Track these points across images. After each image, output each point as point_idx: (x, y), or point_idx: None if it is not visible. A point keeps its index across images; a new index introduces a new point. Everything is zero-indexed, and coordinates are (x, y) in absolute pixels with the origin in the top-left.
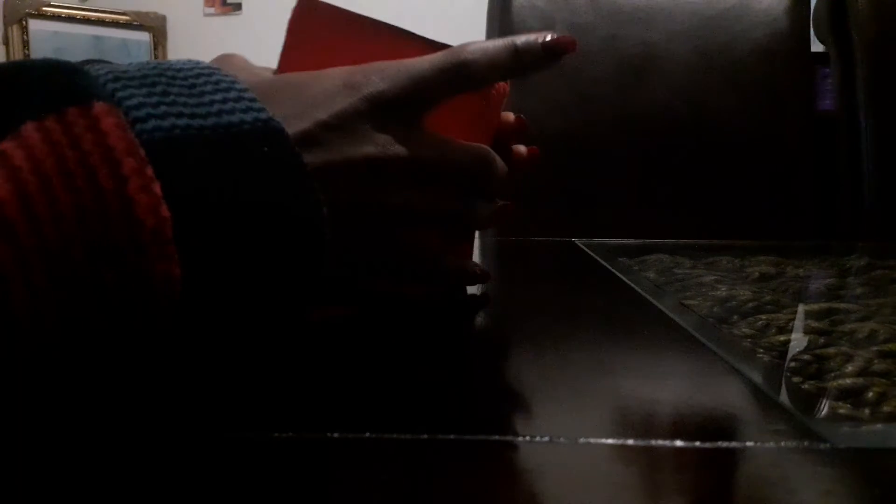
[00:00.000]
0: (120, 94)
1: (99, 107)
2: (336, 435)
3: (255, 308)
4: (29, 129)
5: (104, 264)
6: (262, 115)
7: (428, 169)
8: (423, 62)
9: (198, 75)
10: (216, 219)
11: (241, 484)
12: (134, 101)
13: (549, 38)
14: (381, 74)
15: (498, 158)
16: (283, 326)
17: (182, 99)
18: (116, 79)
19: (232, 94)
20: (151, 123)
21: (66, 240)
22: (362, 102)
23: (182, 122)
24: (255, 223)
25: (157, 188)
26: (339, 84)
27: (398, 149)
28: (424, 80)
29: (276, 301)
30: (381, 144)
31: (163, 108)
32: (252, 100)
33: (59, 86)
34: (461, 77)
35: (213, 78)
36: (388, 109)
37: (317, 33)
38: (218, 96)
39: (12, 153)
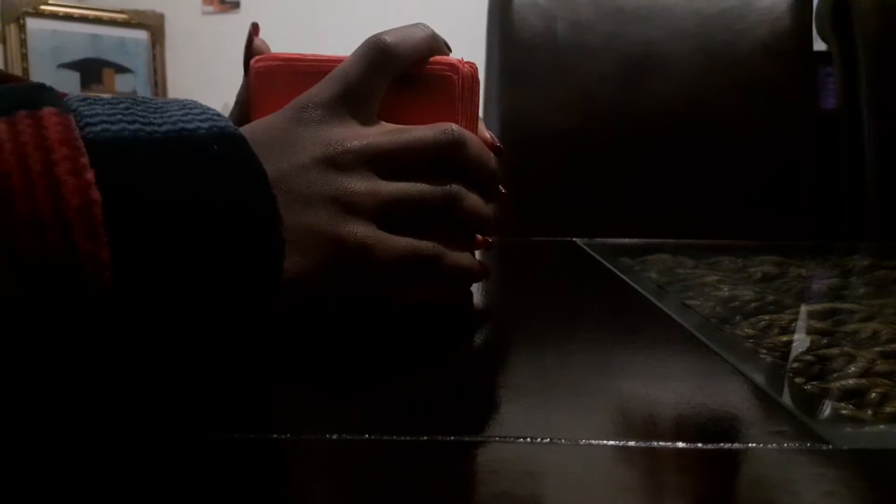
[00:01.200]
0: (81, 108)
1: (47, 110)
2: (335, 436)
3: (203, 307)
4: None
5: (28, 237)
6: (220, 124)
7: (390, 153)
8: (346, 60)
9: (169, 102)
10: (158, 211)
11: (240, 485)
12: (89, 111)
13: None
14: (316, 87)
15: (470, 134)
16: (243, 326)
17: (142, 113)
18: (85, 100)
19: (196, 111)
20: (100, 127)
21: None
22: (301, 112)
23: (134, 126)
24: (203, 220)
25: (89, 175)
26: (286, 110)
27: (352, 143)
28: (349, 73)
29: (230, 299)
30: (333, 142)
31: (118, 117)
32: (217, 115)
33: (19, 96)
34: (382, 59)
35: (186, 102)
36: (330, 111)
37: (277, 84)
38: (180, 112)
39: None
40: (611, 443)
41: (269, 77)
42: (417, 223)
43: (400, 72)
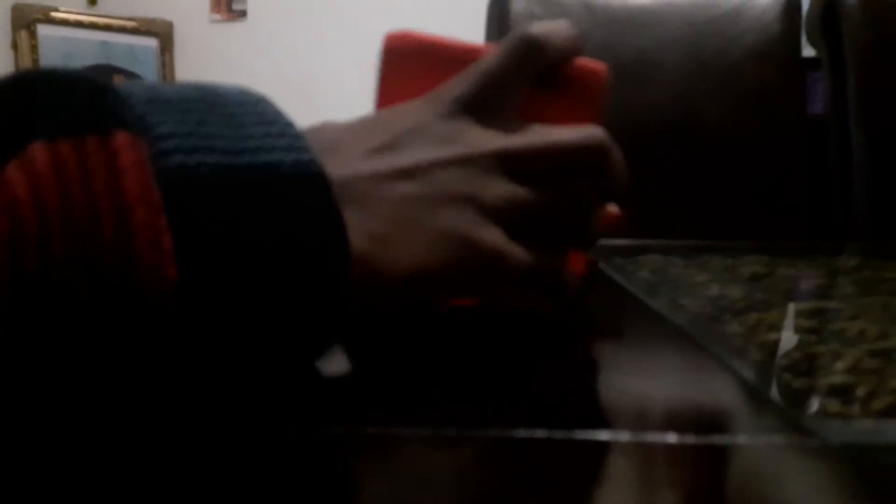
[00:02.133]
0: (150, 118)
1: (121, 138)
2: (340, 430)
3: (263, 360)
4: (38, 151)
5: (92, 318)
6: (304, 157)
7: (529, 155)
8: (491, 54)
9: (241, 103)
10: (231, 278)
11: (245, 480)
12: (164, 130)
13: None
14: (457, 79)
15: (613, 143)
16: (305, 358)
17: (217, 130)
18: (150, 100)
19: (275, 129)
20: (177, 159)
21: (59, 289)
22: (443, 106)
23: (211, 159)
24: (274, 280)
25: (167, 242)
26: (421, 101)
27: (491, 143)
28: (494, 69)
29: (288, 354)
30: (471, 142)
31: (193, 141)
32: (296, 136)
33: (82, 104)
34: (530, 55)
35: (259, 108)
36: (471, 108)
37: (409, 66)
38: (259, 129)
39: (15, 181)
40: (603, 437)
41: (401, 58)
42: (544, 234)
43: (546, 70)
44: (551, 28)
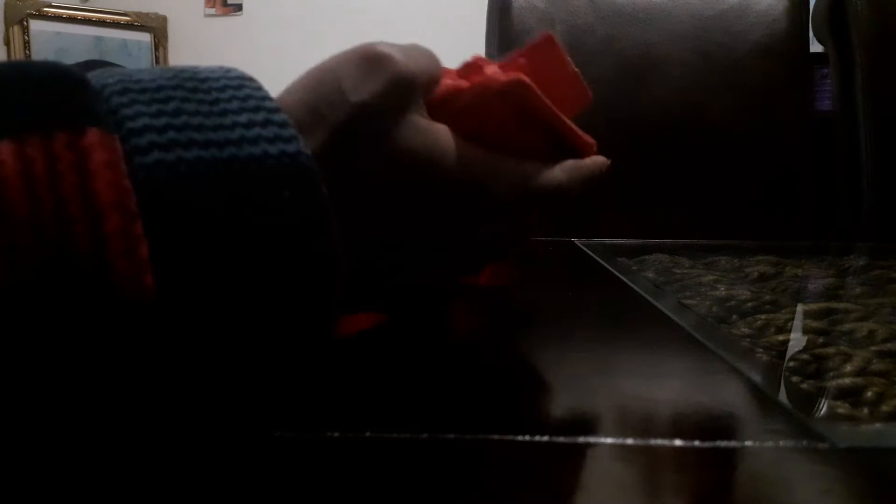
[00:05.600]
0: (125, 111)
1: (91, 135)
2: (336, 434)
3: (251, 361)
4: (5, 151)
5: (66, 332)
6: (290, 148)
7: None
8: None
9: (224, 87)
10: (214, 281)
11: (241, 483)
12: (138, 124)
13: None
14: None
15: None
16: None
17: (197, 120)
18: (125, 90)
19: (259, 117)
20: (153, 156)
21: (31, 301)
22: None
23: (191, 154)
24: (259, 281)
25: (142, 251)
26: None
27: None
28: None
29: (277, 353)
30: None
31: (170, 135)
32: (282, 124)
33: (53, 99)
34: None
35: (242, 92)
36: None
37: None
38: (242, 117)
39: None
40: (608, 441)
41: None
42: None
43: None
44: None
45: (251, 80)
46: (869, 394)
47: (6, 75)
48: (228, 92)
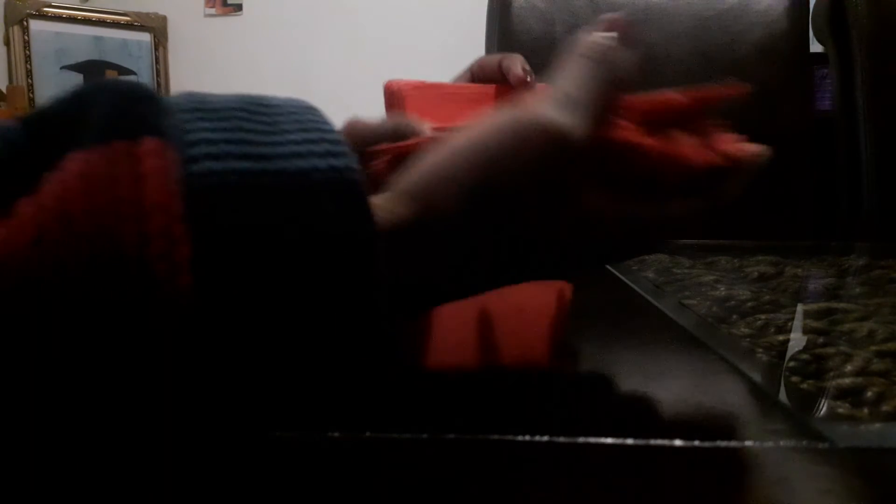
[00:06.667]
0: (188, 125)
1: (148, 144)
2: (336, 434)
3: (289, 371)
4: (71, 161)
5: (109, 325)
6: (339, 163)
7: None
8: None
9: (285, 112)
10: (252, 284)
11: (242, 483)
12: (197, 136)
13: None
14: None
15: None
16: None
17: (252, 136)
18: (193, 109)
19: (314, 135)
20: (206, 165)
21: (75, 288)
22: None
23: (242, 165)
24: (296, 286)
25: (181, 252)
26: None
27: None
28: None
29: (315, 365)
30: None
31: (224, 147)
32: (334, 142)
33: (119, 113)
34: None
35: (303, 116)
36: None
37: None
38: (297, 135)
39: (47, 188)
40: (608, 440)
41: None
42: None
43: None
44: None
45: (316, 109)
46: (869, 394)
47: (87, 95)
48: (289, 116)
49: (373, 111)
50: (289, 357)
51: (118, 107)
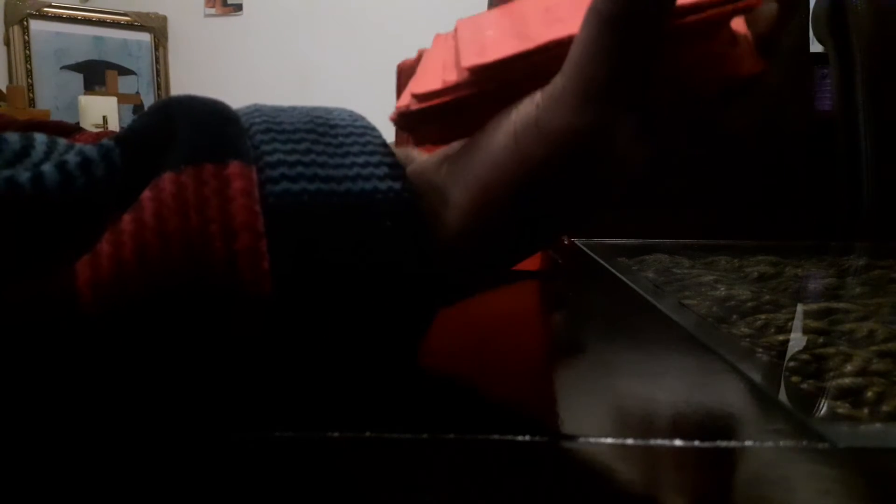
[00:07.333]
0: (264, 147)
1: (233, 167)
2: (336, 434)
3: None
4: (166, 181)
5: (200, 324)
6: (396, 185)
7: None
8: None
9: (349, 133)
10: (322, 294)
11: (241, 483)
12: (273, 158)
13: None
14: None
15: None
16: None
17: (323, 159)
18: (268, 130)
19: (375, 159)
20: (282, 186)
21: (174, 296)
22: None
23: (314, 186)
24: (360, 296)
25: (265, 265)
26: None
27: None
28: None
29: (370, 360)
30: None
31: (299, 169)
32: (393, 165)
33: (206, 136)
34: None
35: (364, 138)
36: None
37: None
38: (360, 159)
39: (146, 206)
40: (608, 440)
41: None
42: None
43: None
44: None
45: (374, 129)
46: (869, 394)
47: (174, 114)
48: (352, 138)
49: (373, 111)
50: (344, 350)
51: (205, 130)
